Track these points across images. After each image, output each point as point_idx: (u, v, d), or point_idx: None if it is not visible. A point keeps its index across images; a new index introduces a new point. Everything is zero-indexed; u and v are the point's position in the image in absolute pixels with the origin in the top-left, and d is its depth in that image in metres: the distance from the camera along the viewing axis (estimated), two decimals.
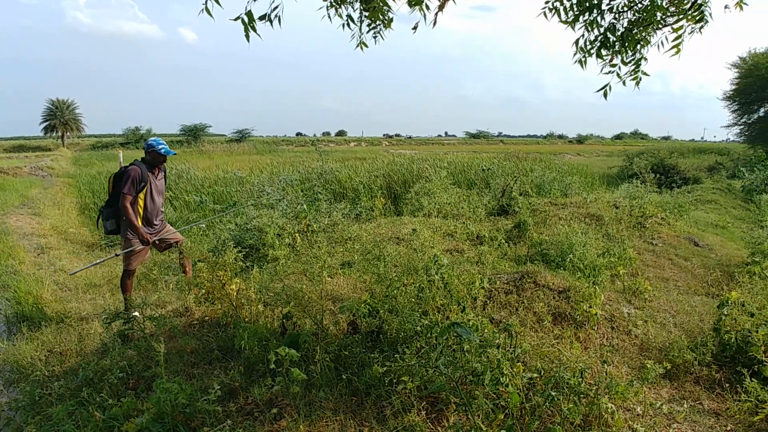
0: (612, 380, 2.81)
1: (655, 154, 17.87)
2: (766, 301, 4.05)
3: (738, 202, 12.71)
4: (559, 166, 14.93)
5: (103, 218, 4.99)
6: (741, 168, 18.64)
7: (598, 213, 7.01)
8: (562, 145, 57.07)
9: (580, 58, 2.57)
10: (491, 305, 4.01)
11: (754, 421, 2.81)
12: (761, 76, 25.55)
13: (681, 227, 7.50)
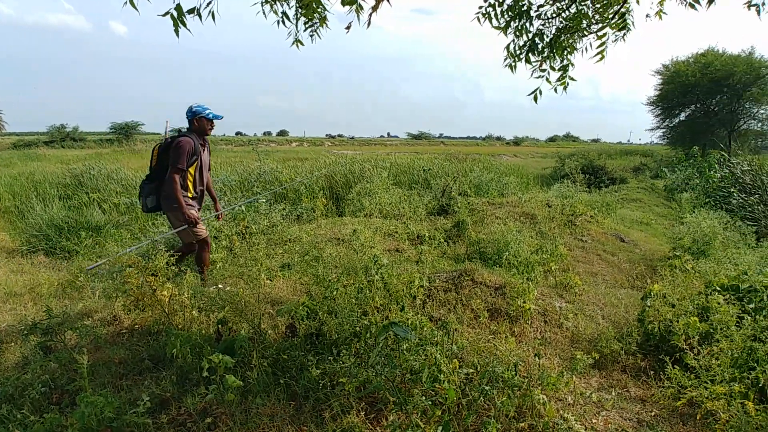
0: (544, 372, 2.91)
1: (585, 155, 18.81)
2: (686, 292, 4.34)
3: (660, 201, 13.58)
4: (496, 166, 15.37)
5: (143, 194, 4.56)
6: (663, 168, 19.94)
7: (532, 212, 7.28)
8: (500, 147, 58.86)
9: (511, 62, 2.65)
10: (431, 303, 4.07)
11: (677, 406, 2.99)
12: (682, 82, 27.41)
13: (608, 224, 7.92)
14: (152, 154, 4.63)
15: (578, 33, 2.92)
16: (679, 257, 5.48)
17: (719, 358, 3.07)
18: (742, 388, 2.84)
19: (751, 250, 6.85)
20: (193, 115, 4.56)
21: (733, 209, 11.20)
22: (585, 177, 14.53)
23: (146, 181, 4.59)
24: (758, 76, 25.58)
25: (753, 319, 3.39)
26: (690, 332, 3.41)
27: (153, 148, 4.66)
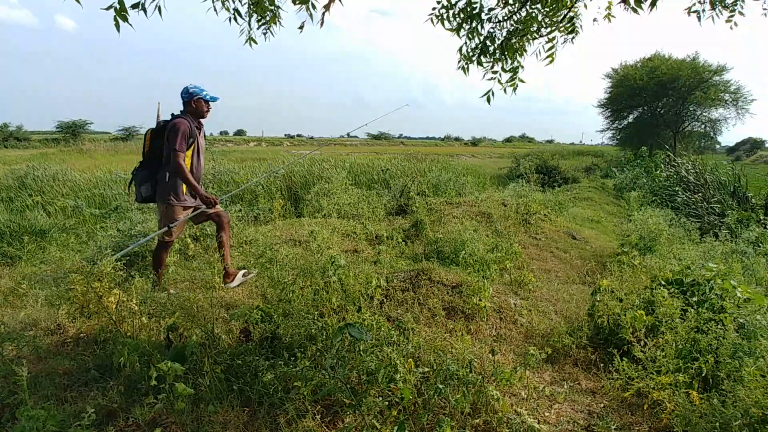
0: (498, 368, 2.96)
1: (540, 156, 19.34)
2: (633, 287, 4.51)
3: (610, 199, 14.09)
4: (454, 167, 15.58)
5: (137, 183, 4.28)
6: (613, 168, 20.71)
7: (489, 211, 7.41)
8: (458, 147, 59.76)
9: (464, 65, 2.68)
10: (388, 303, 4.07)
11: (625, 397, 3.10)
12: (630, 86, 28.56)
13: (561, 222, 8.15)
14: (144, 139, 4.37)
15: (529, 36, 2.98)
16: (626, 253, 5.69)
17: (664, 349, 3.20)
18: (686, 378, 2.96)
19: (694, 245, 7.18)
20: (190, 96, 4.30)
21: (678, 207, 11.75)
22: (539, 177, 14.93)
23: (139, 169, 4.32)
24: (701, 81, 26.93)
25: (696, 312, 3.54)
26: (637, 325, 3.54)
27: (145, 132, 4.41)
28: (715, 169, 14.95)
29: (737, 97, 27.18)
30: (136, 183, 4.33)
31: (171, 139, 4.13)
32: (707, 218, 10.91)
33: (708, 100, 27.32)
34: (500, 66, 2.75)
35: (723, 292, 3.97)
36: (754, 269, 6.53)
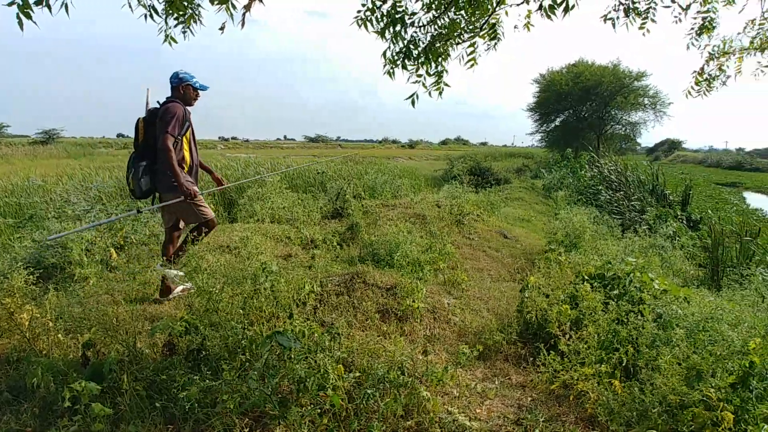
0: (431, 368, 2.98)
1: (473, 158, 19.85)
2: (559, 282, 4.69)
3: (540, 199, 14.70)
4: (391, 169, 15.69)
5: (135, 176, 3.97)
6: (542, 169, 21.64)
7: (423, 212, 7.50)
8: (395, 150, 60.31)
9: (389, 69, 2.68)
10: (322, 308, 4.01)
11: (552, 389, 3.20)
12: (557, 91, 29.93)
13: (493, 222, 8.39)
14: (137, 128, 4.11)
15: (452, 41, 3.03)
16: (553, 250, 5.92)
17: (587, 341, 3.34)
18: (608, 368, 3.10)
19: (616, 241, 7.60)
20: (180, 82, 4.10)
21: (602, 205, 12.41)
22: (473, 178, 15.31)
23: (136, 160, 4.03)
24: (622, 86, 28.65)
25: (616, 304, 3.73)
26: (562, 319, 3.69)
27: (136, 121, 4.14)
28: (635, 169, 15.94)
29: (655, 101, 29.13)
30: (134, 176, 4.03)
31: (162, 122, 3.94)
32: (628, 215, 11.58)
33: (628, 104, 29.14)
34: (425, 70, 2.77)
35: (641, 285, 4.20)
36: (672, 262, 7.01)
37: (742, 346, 2.81)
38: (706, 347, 2.87)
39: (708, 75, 4.28)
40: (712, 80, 4.28)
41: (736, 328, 3.11)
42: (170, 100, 4.12)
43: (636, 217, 11.42)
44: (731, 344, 2.82)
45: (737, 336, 2.90)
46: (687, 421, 2.51)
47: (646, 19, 3.44)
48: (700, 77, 4.35)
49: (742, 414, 2.57)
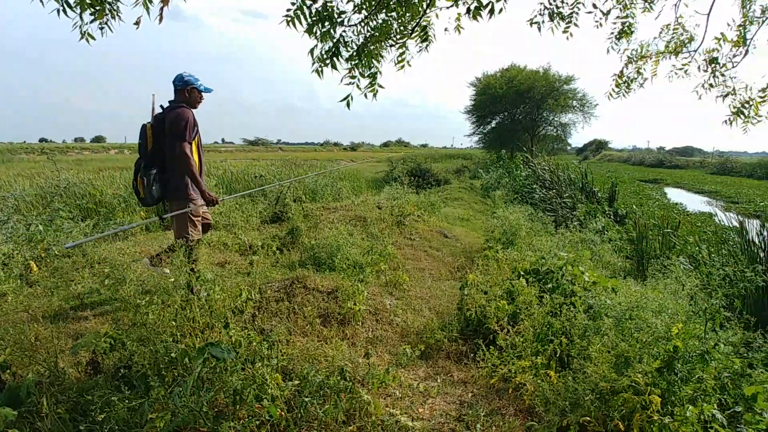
0: (373, 371, 2.96)
1: (414, 159, 20.07)
2: (497, 279, 4.80)
3: (478, 198, 15.05)
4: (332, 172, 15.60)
5: (147, 183, 3.87)
6: (480, 170, 22.21)
7: (364, 214, 7.49)
8: (337, 152, 60.05)
9: (318, 68, 2.64)
10: (261, 316, 3.89)
11: (492, 383, 3.26)
12: (492, 94, 30.83)
13: (434, 222, 8.50)
14: (145, 135, 4.01)
15: (385, 42, 3.03)
16: (491, 248, 6.07)
17: (524, 335, 3.44)
18: (544, 359, 3.20)
19: (550, 237, 7.87)
20: (185, 84, 4.02)
21: (536, 203, 12.87)
22: (414, 179, 15.49)
23: (147, 167, 3.92)
24: (553, 89, 29.93)
25: (550, 298, 3.85)
26: (499, 315, 3.77)
27: (143, 127, 4.05)
28: (566, 168, 16.67)
29: (583, 103, 30.64)
30: (146, 183, 3.92)
31: (176, 129, 3.88)
32: (561, 212, 12.07)
33: (559, 106, 30.49)
34: (359, 71, 2.75)
35: (573, 278, 4.37)
36: (601, 255, 7.35)
37: (666, 332, 2.96)
38: (633, 335, 3.01)
39: (627, 78, 4.55)
40: (631, 83, 4.54)
41: (659, 315, 3.28)
42: (178, 105, 4.03)
43: (568, 213, 11.92)
44: (656, 331, 2.97)
45: (661, 323, 3.06)
46: (618, 407, 2.62)
47: (569, 23, 3.59)
48: (620, 80, 4.61)
49: (669, 396, 2.71)
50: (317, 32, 2.50)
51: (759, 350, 3.50)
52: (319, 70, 2.62)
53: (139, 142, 4.09)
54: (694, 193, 25.14)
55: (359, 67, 2.76)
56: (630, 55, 4.45)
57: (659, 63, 4.42)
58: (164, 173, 4.04)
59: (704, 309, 3.41)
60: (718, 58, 4.15)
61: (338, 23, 2.53)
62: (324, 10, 2.54)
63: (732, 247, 6.35)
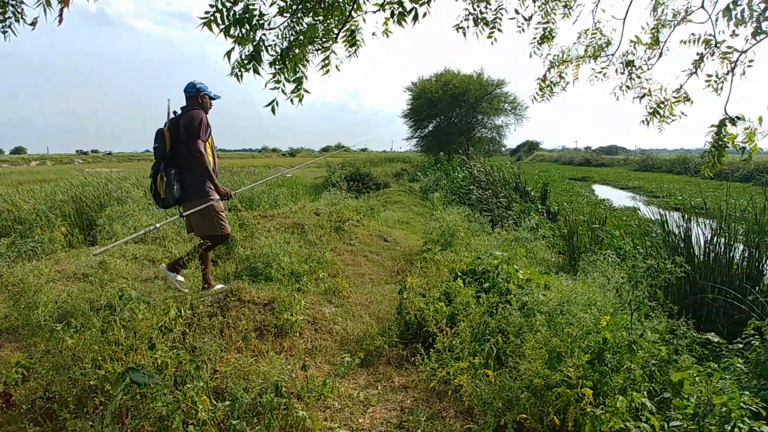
0: (311, 383, 2.88)
1: (353, 164, 20.05)
2: (435, 281, 4.84)
3: (418, 201, 15.21)
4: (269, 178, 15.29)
5: (167, 184, 4.06)
6: (418, 173, 22.48)
7: (302, 221, 7.35)
8: (276, 158, 59.05)
9: (237, 72, 2.54)
10: (192, 333, 3.71)
11: (432, 387, 3.26)
12: (428, 98, 31.34)
13: (374, 226, 8.48)
14: (163, 138, 4.19)
15: (312, 46, 2.97)
16: (430, 250, 6.12)
17: (461, 336, 3.46)
18: (481, 359, 3.23)
19: (487, 236, 8.05)
20: (197, 91, 4.31)
21: (474, 203, 13.16)
22: (353, 184, 15.45)
23: (167, 168, 4.12)
24: (486, 93, 30.85)
25: (486, 297, 3.91)
26: (437, 317, 3.79)
27: (159, 131, 4.23)
28: (501, 169, 17.19)
29: (515, 105, 31.80)
30: (167, 184, 4.11)
31: (191, 129, 4.11)
32: (497, 211, 12.40)
33: (492, 109, 31.48)
34: (283, 76, 2.67)
35: (508, 276, 4.47)
36: (535, 252, 7.59)
37: (595, 325, 3.07)
38: (565, 330, 3.09)
39: (550, 81, 4.73)
40: (554, 86, 4.73)
41: (589, 308, 3.39)
42: (191, 108, 4.27)
43: (504, 212, 12.27)
44: (585, 324, 3.07)
45: (590, 316, 3.16)
46: (552, 402, 2.68)
47: (493, 28, 3.68)
48: (543, 83, 4.78)
49: (601, 387, 2.81)
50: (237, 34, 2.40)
51: (684, 337, 3.70)
52: (238, 74, 2.52)
53: (155, 146, 4.23)
54: (619, 189, 26.68)
55: (284, 72, 2.68)
56: (552, 60, 4.63)
57: (580, 67, 4.63)
58: (181, 174, 4.23)
59: (629, 301, 3.57)
60: (633, 61, 4.39)
61: (258, 26, 2.44)
62: (245, 12, 2.45)
63: (654, 239, 6.72)
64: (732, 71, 3.78)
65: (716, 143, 3.66)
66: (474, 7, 3.54)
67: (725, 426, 2.30)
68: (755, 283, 4.87)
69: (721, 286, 4.75)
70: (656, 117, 4.24)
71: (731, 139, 3.57)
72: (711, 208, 6.27)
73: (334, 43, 2.86)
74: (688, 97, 4.13)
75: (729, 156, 3.88)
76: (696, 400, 2.60)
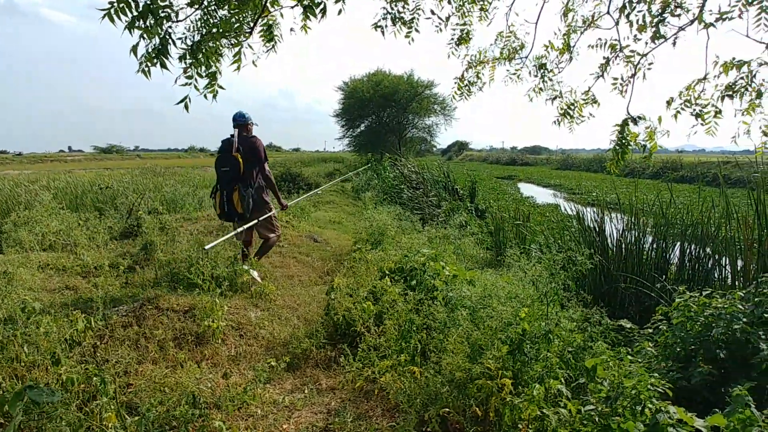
0: (232, 391, 2.78)
1: (284, 164, 19.67)
2: (364, 280, 4.83)
3: (350, 201, 15.19)
4: (194, 179, 14.70)
5: (246, 199, 4.86)
6: (350, 172, 22.47)
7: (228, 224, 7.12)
8: (204, 159, 56.81)
9: (144, 67, 2.39)
10: (104, 345, 3.47)
11: (359, 387, 3.24)
12: (360, 98, 31.38)
13: (304, 227, 8.37)
14: (237, 162, 4.90)
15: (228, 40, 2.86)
16: (360, 249, 6.11)
17: (388, 334, 3.47)
18: (407, 356, 3.26)
19: (417, 234, 8.16)
20: (245, 121, 5.15)
21: (405, 202, 13.33)
22: (284, 184, 15.19)
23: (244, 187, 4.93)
24: (416, 94, 31.32)
25: (413, 294, 3.95)
26: (364, 317, 3.79)
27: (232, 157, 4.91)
28: (431, 169, 17.52)
29: (444, 106, 32.52)
30: (244, 200, 4.90)
31: (260, 154, 5.11)
32: (427, 210, 12.63)
33: (422, 110, 32.05)
34: (195, 71, 2.55)
35: (435, 273, 4.54)
36: (464, 248, 7.79)
37: (515, 316, 3.17)
38: (486, 323, 3.18)
39: (467, 81, 4.86)
40: (471, 86, 4.87)
41: (511, 301, 3.50)
42: (251, 135, 5.21)
43: (434, 211, 12.52)
44: (505, 317, 3.17)
45: (510, 308, 3.26)
46: (474, 394, 2.74)
47: (411, 28, 3.73)
48: (461, 83, 4.91)
49: (521, 377, 2.91)
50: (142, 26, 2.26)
51: (599, 324, 3.91)
52: (146, 69, 2.38)
53: (225, 170, 4.95)
54: (542, 187, 28.00)
55: (196, 67, 2.56)
56: (470, 61, 4.76)
57: (496, 68, 4.79)
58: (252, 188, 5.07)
59: (545, 292, 3.73)
60: (546, 64, 4.60)
61: (165, 18, 2.31)
62: (151, 2, 2.31)
63: (573, 233, 7.09)
64: (635, 74, 4.04)
65: (619, 142, 3.91)
66: (392, 6, 3.57)
67: (636, 407, 2.44)
68: (663, 271, 5.26)
69: (633, 275, 5.08)
70: (567, 118, 4.46)
71: (633, 138, 3.82)
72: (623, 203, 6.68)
73: (247, 37, 2.77)
74: (596, 99, 4.38)
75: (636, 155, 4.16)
76: (609, 384, 2.74)
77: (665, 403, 2.33)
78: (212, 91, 2.61)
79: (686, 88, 3.72)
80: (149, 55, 2.35)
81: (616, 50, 4.10)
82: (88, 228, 6.97)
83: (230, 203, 4.93)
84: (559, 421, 2.51)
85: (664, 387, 2.49)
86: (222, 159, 4.95)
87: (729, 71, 3.45)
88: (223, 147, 5.06)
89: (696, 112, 3.65)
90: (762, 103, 3.47)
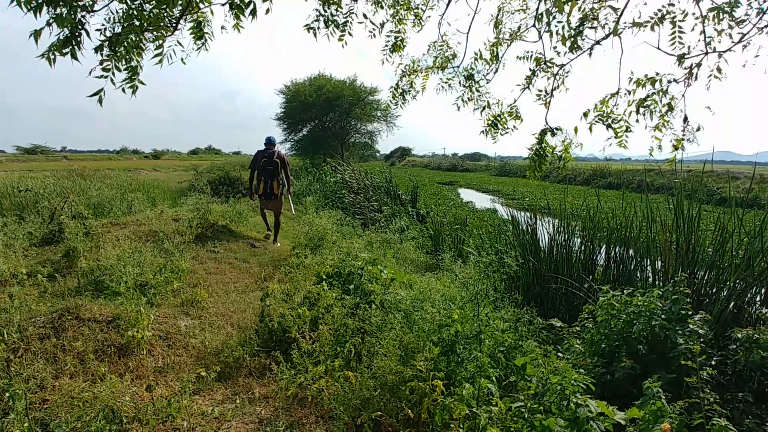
0: (155, 405, 2.65)
1: (222, 168, 19.08)
2: (300, 285, 4.76)
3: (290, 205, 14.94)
4: (122, 182, 14.00)
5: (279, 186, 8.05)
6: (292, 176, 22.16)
7: (159, 229, 6.82)
8: (137, 161, 54.16)
9: (49, 55, 2.23)
10: (19, 359, 3.23)
11: (294, 394, 3.17)
12: (302, 101, 31.01)
13: (242, 232, 8.15)
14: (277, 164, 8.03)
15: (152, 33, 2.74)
16: (298, 254, 6.02)
17: (322, 339, 3.43)
18: (341, 361, 3.23)
19: (358, 239, 8.16)
20: (273, 143, 8.16)
21: (347, 207, 13.30)
22: (222, 188, 14.77)
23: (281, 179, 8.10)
24: (359, 99, 31.35)
25: (350, 299, 3.93)
26: (299, 322, 3.73)
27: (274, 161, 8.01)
28: (373, 174, 17.59)
29: (386, 113, 32.71)
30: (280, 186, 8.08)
31: (287, 162, 8.25)
32: (369, 214, 12.68)
33: (365, 115, 32.11)
34: (114, 64, 2.41)
35: (372, 277, 4.55)
36: (404, 252, 7.86)
37: (447, 318, 3.22)
38: (419, 325, 3.21)
39: (402, 89, 4.92)
40: (406, 94, 4.93)
41: (446, 303, 3.55)
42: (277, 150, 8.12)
43: (375, 215, 12.58)
44: (438, 319, 3.21)
45: (441, 310, 3.31)
46: (407, 396, 2.75)
47: (344, 31, 3.72)
48: (396, 91, 4.97)
49: (455, 377, 2.95)
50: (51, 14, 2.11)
51: (531, 323, 4.04)
52: (50, 57, 2.21)
53: (270, 168, 7.98)
54: (482, 192, 28.83)
55: (113, 60, 2.42)
56: (404, 70, 4.82)
57: (429, 77, 4.86)
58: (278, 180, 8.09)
59: (476, 293, 3.81)
60: (474, 75, 4.71)
61: (78, 7, 2.17)
62: None
63: (509, 237, 7.32)
64: (557, 87, 4.23)
65: (537, 152, 4.08)
66: (324, 8, 3.54)
67: (562, 402, 2.53)
68: (590, 272, 5.53)
69: (563, 276, 5.30)
70: (493, 129, 4.59)
71: (550, 150, 4.01)
72: (554, 208, 6.97)
73: (171, 33, 2.66)
74: (519, 115, 4.54)
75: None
76: (537, 381, 2.83)
77: (586, 398, 2.43)
78: (132, 87, 2.49)
79: (600, 102, 3.92)
80: (58, 43, 2.20)
81: (541, 63, 4.27)
82: (6, 234, 6.47)
83: (271, 188, 7.97)
84: (489, 419, 2.56)
85: (586, 382, 2.60)
86: (267, 162, 7.89)
87: (643, 86, 3.67)
88: (265, 154, 7.94)
89: (608, 125, 3.85)
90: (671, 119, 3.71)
